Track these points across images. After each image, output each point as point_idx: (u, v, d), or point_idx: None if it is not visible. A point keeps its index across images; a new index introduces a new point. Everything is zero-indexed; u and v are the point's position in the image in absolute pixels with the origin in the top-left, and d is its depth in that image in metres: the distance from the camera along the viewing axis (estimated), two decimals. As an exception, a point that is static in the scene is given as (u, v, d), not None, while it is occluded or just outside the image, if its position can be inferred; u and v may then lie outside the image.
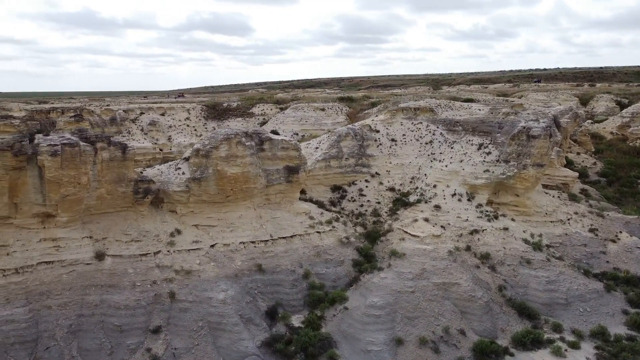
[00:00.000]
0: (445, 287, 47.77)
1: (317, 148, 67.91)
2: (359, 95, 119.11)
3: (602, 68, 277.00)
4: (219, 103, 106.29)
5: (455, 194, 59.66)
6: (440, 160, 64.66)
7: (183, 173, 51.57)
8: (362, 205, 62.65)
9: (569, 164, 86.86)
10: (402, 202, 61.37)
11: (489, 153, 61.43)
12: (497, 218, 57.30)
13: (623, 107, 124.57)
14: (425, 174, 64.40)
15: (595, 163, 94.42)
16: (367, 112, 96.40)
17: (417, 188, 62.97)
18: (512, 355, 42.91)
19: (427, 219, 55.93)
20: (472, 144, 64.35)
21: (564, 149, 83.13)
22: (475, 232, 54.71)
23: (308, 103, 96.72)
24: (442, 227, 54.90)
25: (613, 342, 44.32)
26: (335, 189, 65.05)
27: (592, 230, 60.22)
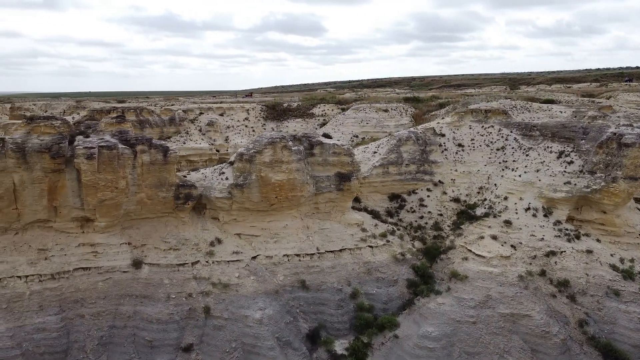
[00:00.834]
0: (514, 319, 41.27)
1: (375, 152, 62.82)
2: (427, 96, 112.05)
3: None
4: (279, 103, 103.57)
5: (530, 209, 52.46)
6: (513, 169, 57.48)
7: (226, 178, 48.44)
8: (422, 217, 56.89)
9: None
10: (467, 215, 55.03)
11: (571, 162, 53.63)
12: (578, 238, 49.54)
13: None
14: (495, 184, 57.50)
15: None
16: (433, 113, 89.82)
17: (485, 200, 56.30)
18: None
19: (495, 237, 49.33)
20: (551, 152, 56.69)
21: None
22: (552, 254, 47.40)
23: (370, 104, 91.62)
24: (512, 246, 48.12)
25: None
26: (393, 198, 59.71)
27: (697, 257, 50.84)
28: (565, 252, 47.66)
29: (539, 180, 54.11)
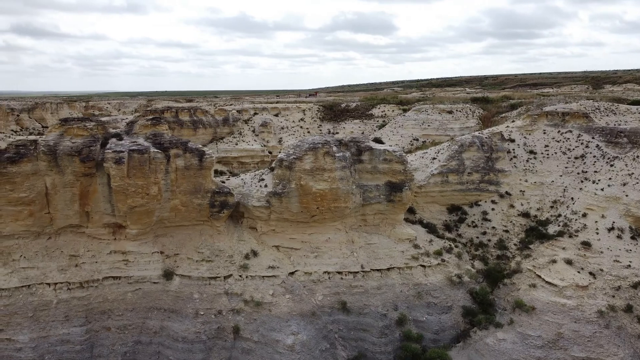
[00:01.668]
0: (591, 364, 34.61)
1: (434, 159, 56.98)
2: (498, 96, 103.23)
3: None
4: (337, 103, 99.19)
5: (614, 228, 44.86)
6: (595, 182, 49.78)
7: (265, 186, 44.83)
8: (484, 233, 50.62)
9: None
10: (537, 233, 48.26)
11: (668, 176, 45.37)
12: (675, 267, 41.53)
13: None
14: (572, 198, 50.10)
15: None
16: (504, 115, 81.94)
17: (559, 216, 49.13)
18: None
19: (570, 261, 42.42)
20: (641, 162, 48.56)
21: None
22: (641, 285, 39.87)
23: (433, 104, 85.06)
24: (591, 274, 41.05)
25: None
26: (453, 210, 53.81)
27: None
28: (658, 283, 39.92)
29: (626, 196, 46.30)
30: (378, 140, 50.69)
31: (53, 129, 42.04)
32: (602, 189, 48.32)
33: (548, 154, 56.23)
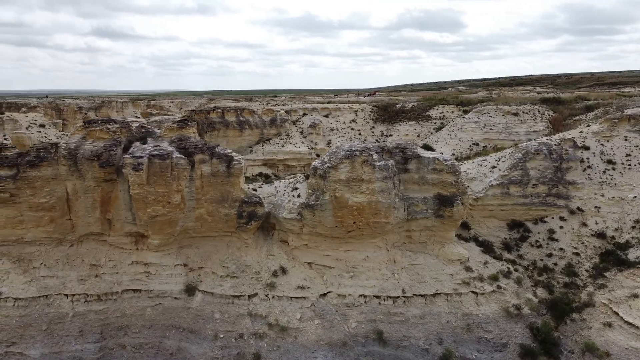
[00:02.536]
0: None
1: (494, 167, 50.58)
2: (571, 96, 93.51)
3: None
4: (392, 104, 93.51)
5: None
6: (689, 200, 41.83)
7: (299, 195, 40.68)
8: (550, 255, 43.90)
9: None
10: (615, 258, 41.08)
11: None
12: None
13: None
14: (660, 219, 42.35)
15: None
16: (577, 118, 73.43)
17: (643, 239, 41.59)
18: None
19: (656, 296, 35.17)
20: None
21: None
22: None
23: (497, 105, 77.75)
24: (684, 314, 33.70)
25: None
26: (514, 227, 47.33)
27: None
28: None
29: None
30: (428, 147, 45.18)
31: (76, 132, 39.93)
32: (698, 209, 40.39)
33: (630, 165, 48.46)
